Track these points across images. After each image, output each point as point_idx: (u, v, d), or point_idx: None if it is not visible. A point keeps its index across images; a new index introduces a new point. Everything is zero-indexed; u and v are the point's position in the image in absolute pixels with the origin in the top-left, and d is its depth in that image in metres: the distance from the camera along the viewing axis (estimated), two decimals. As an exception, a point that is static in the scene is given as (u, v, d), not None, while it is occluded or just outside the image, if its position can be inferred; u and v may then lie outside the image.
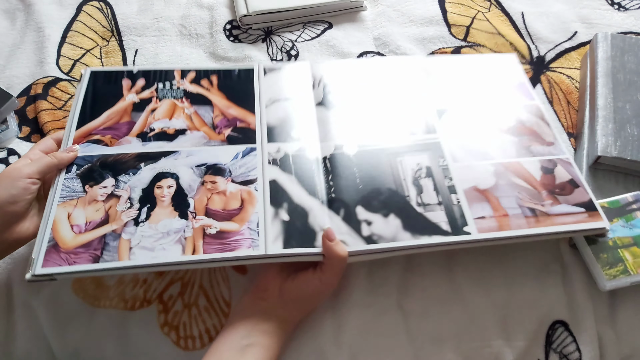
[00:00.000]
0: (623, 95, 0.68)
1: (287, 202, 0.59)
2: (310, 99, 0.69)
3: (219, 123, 0.67)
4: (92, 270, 0.53)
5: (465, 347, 0.57)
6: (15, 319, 0.59)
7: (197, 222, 0.57)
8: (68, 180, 0.60)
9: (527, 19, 0.84)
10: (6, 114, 0.74)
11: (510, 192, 0.60)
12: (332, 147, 0.64)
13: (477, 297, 0.59)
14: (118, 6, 0.88)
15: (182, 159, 0.63)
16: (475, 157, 0.63)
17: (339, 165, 0.63)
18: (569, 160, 0.63)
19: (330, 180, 0.61)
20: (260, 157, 0.63)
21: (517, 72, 0.73)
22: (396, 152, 0.63)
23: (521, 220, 0.58)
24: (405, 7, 0.86)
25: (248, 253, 0.55)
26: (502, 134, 0.65)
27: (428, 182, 0.61)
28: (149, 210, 0.58)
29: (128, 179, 0.61)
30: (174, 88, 0.71)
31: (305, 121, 0.67)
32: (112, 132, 0.65)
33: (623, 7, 0.85)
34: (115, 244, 0.55)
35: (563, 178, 0.61)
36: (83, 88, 0.70)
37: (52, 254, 0.53)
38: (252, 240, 0.56)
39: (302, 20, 0.85)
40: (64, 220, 0.56)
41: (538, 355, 0.57)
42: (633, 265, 0.57)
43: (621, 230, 0.60)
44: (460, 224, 0.58)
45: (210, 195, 0.60)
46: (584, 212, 0.59)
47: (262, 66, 0.73)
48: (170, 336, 0.58)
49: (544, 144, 0.64)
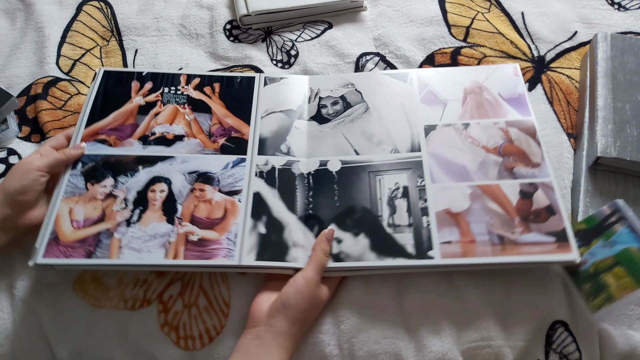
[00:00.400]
0: (623, 96, 0.68)
1: (267, 215, 0.62)
2: (304, 113, 0.71)
3: (215, 131, 0.69)
4: (85, 265, 0.58)
5: (465, 347, 0.57)
6: (15, 319, 0.60)
7: (181, 228, 0.60)
8: (73, 176, 0.64)
9: (527, 19, 0.84)
10: (6, 114, 0.74)
11: (483, 217, 0.60)
12: (317, 163, 0.65)
13: (477, 296, 0.59)
14: (118, 6, 0.88)
15: (176, 164, 0.66)
16: (455, 177, 0.63)
17: (320, 181, 0.64)
18: (551, 185, 0.62)
19: (311, 196, 0.63)
20: (248, 169, 0.65)
21: (517, 83, 0.72)
22: (377, 170, 0.64)
23: (487, 247, 0.58)
24: (405, 7, 0.86)
25: (223, 262, 0.58)
26: (487, 153, 0.65)
27: (402, 202, 0.62)
28: (141, 212, 0.61)
29: (126, 180, 0.64)
30: (179, 93, 0.73)
31: (296, 135, 0.68)
32: (117, 133, 0.69)
33: (623, 7, 0.85)
34: (107, 242, 0.59)
35: (540, 204, 0.61)
36: (96, 87, 0.73)
37: (53, 246, 0.58)
38: (228, 250, 0.59)
39: (302, 20, 0.85)
40: (65, 215, 0.61)
41: (538, 356, 0.57)
42: (616, 290, 0.53)
43: (601, 252, 0.56)
44: (426, 247, 0.58)
45: (197, 202, 0.63)
46: (554, 243, 0.57)
47: (264, 77, 0.74)
48: (170, 336, 0.58)
49: (529, 166, 0.63)
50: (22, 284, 0.61)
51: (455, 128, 0.68)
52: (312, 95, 0.72)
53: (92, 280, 0.61)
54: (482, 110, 0.69)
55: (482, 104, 0.70)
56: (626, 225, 0.55)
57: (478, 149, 0.65)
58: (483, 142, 0.66)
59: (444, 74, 0.74)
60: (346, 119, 0.69)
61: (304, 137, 0.68)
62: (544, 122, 0.72)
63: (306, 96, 0.72)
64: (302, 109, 0.71)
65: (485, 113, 0.69)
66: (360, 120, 0.69)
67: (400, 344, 0.57)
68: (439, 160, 0.65)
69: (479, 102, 0.70)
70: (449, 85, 0.72)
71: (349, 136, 0.68)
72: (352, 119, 0.69)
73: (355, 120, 0.69)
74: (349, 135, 0.68)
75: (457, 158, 0.65)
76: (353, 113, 0.70)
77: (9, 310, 0.60)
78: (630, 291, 0.52)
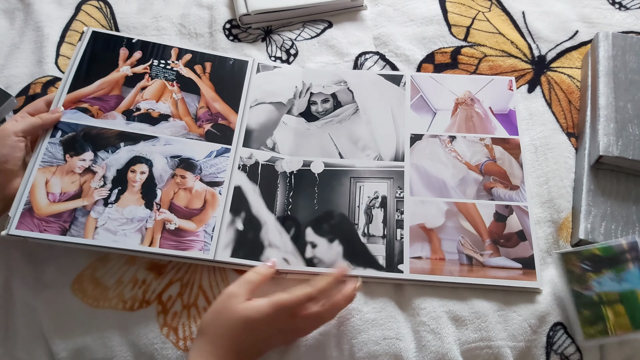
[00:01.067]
0: (624, 95, 0.68)
1: (246, 211, 0.61)
2: (294, 108, 0.70)
3: (201, 115, 0.67)
4: (59, 242, 0.57)
5: (465, 347, 0.57)
6: (15, 319, 0.59)
7: (159, 215, 0.59)
8: (52, 145, 0.61)
9: (528, 18, 0.83)
10: (5, 114, 0.73)
11: (455, 236, 0.61)
12: (301, 163, 0.65)
13: (477, 297, 0.59)
14: (117, 5, 0.88)
15: (159, 146, 0.64)
16: (434, 192, 0.64)
17: (302, 182, 0.64)
18: (526, 209, 0.62)
19: (291, 197, 0.63)
20: (231, 161, 0.64)
21: (510, 98, 0.71)
22: (359, 177, 0.64)
23: (455, 267, 0.59)
24: (405, 6, 0.86)
25: (198, 255, 0.58)
26: (469, 171, 0.65)
27: (379, 212, 0.62)
28: (119, 193, 0.60)
29: (106, 156, 0.62)
30: (168, 68, 0.70)
31: (283, 131, 0.68)
32: (100, 103, 0.66)
33: (624, 6, 0.84)
34: (83, 220, 0.58)
35: (513, 228, 0.61)
36: (82, 48, 0.70)
37: (27, 217, 0.57)
38: (204, 243, 0.58)
39: (302, 19, 0.85)
40: (41, 186, 0.59)
41: (538, 357, 0.57)
42: (614, 326, 0.54)
43: (609, 284, 0.55)
44: (397, 260, 0.59)
45: (177, 189, 0.61)
46: (520, 269, 0.59)
47: (257, 63, 0.73)
48: (170, 337, 0.58)
49: (507, 187, 0.64)
50: (22, 283, 0.61)
51: (442, 140, 0.68)
52: (304, 90, 0.72)
53: (91, 280, 0.61)
54: (470, 124, 0.69)
55: (471, 117, 0.70)
56: (639, 266, 0.56)
57: (460, 165, 0.66)
58: (467, 157, 0.66)
59: (438, 81, 0.73)
60: (334, 119, 0.69)
61: (290, 134, 0.68)
62: (543, 125, 0.72)
63: (298, 90, 0.72)
64: (292, 103, 0.70)
65: (473, 127, 0.69)
66: (348, 122, 0.69)
67: (401, 344, 0.57)
68: (421, 172, 0.65)
69: (468, 115, 0.70)
70: (442, 93, 0.72)
71: (335, 137, 0.67)
72: (340, 119, 0.69)
73: (344, 121, 0.69)
74: (335, 137, 0.68)
75: (438, 172, 0.65)
76: (342, 114, 0.70)
77: (9, 310, 0.60)
78: (624, 332, 0.53)
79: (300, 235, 0.61)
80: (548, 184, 0.66)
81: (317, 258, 0.59)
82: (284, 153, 0.66)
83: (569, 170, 0.67)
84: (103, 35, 0.71)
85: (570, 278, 0.57)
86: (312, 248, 0.60)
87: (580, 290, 0.56)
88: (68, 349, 0.58)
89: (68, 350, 0.58)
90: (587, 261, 0.57)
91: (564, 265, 0.57)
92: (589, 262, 0.57)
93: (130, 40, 0.72)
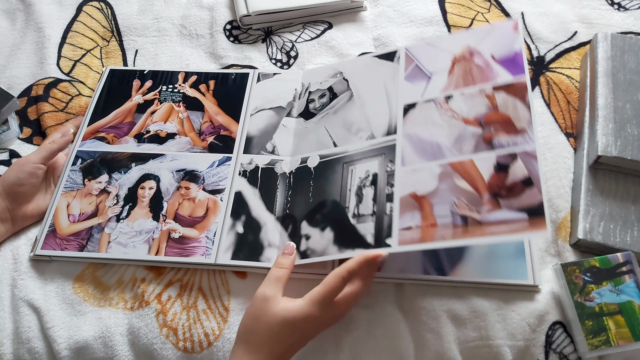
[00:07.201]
0: (623, 95, 0.68)
1: (246, 214, 0.63)
2: (294, 110, 0.71)
3: (205, 129, 0.71)
4: (78, 258, 0.62)
5: (464, 346, 0.57)
6: (16, 318, 0.60)
7: (165, 225, 0.62)
8: (72, 172, 0.67)
9: (527, 19, 0.84)
10: (7, 115, 0.74)
11: (448, 198, 0.55)
12: (299, 161, 0.65)
13: (476, 296, 0.59)
14: (118, 6, 0.88)
15: (166, 162, 0.68)
16: (427, 156, 0.59)
17: (299, 179, 0.64)
18: (533, 153, 0.54)
19: (290, 195, 0.63)
20: (232, 168, 0.66)
21: (514, 40, 0.63)
22: (351, 160, 0.63)
23: (448, 230, 0.54)
24: (405, 7, 0.86)
25: (200, 260, 0.60)
26: (466, 126, 0.59)
27: (369, 190, 0.60)
28: (130, 208, 0.64)
29: (119, 177, 0.67)
30: (175, 91, 0.75)
31: (283, 133, 0.68)
32: (115, 130, 0.71)
33: (623, 7, 0.85)
34: (98, 236, 0.62)
35: (517, 176, 0.54)
36: (101, 85, 0.76)
37: (50, 238, 0.62)
38: (206, 248, 0.61)
39: (302, 20, 0.85)
40: (63, 209, 0.64)
41: (537, 356, 0.57)
42: (615, 336, 0.55)
43: (608, 296, 0.57)
44: (385, 235, 0.56)
45: (182, 200, 0.64)
46: (525, 220, 0.51)
47: (257, 73, 0.74)
48: (170, 338, 0.58)
49: (511, 133, 0.56)
50: (23, 283, 0.61)
51: (437, 102, 0.62)
52: (303, 91, 0.72)
53: (91, 280, 0.61)
54: (468, 78, 0.63)
55: (470, 70, 0.64)
56: (634, 279, 0.57)
57: (457, 122, 0.60)
58: (464, 113, 0.60)
59: (433, 45, 0.68)
60: (330, 110, 0.69)
61: (290, 136, 0.68)
62: (541, 125, 0.72)
63: (297, 92, 0.72)
64: (292, 105, 0.71)
65: (472, 80, 0.62)
66: (342, 110, 0.68)
67: (400, 343, 0.57)
68: (413, 141, 0.61)
69: (466, 70, 0.64)
70: (438, 55, 0.66)
71: (330, 128, 0.67)
72: (335, 110, 0.69)
73: (339, 110, 0.68)
74: (330, 127, 0.67)
75: (432, 136, 0.60)
76: (337, 104, 0.69)
77: (10, 310, 0.60)
78: (626, 342, 0.54)
79: (296, 231, 0.61)
80: (547, 184, 0.67)
81: (310, 249, 0.59)
82: (283, 154, 0.67)
83: (568, 170, 0.68)
84: (119, 72, 0.78)
85: (573, 290, 0.57)
86: (306, 240, 0.60)
87: (583, 301, 0.57)
88: (69, 348, 0.58)
89: (69, 349, 0.58)
90: (588, 273, 0.58)
91: (566, 277, 0.58)
92: (589, 274, 0.58)
93: (142, 72, 0.77)
